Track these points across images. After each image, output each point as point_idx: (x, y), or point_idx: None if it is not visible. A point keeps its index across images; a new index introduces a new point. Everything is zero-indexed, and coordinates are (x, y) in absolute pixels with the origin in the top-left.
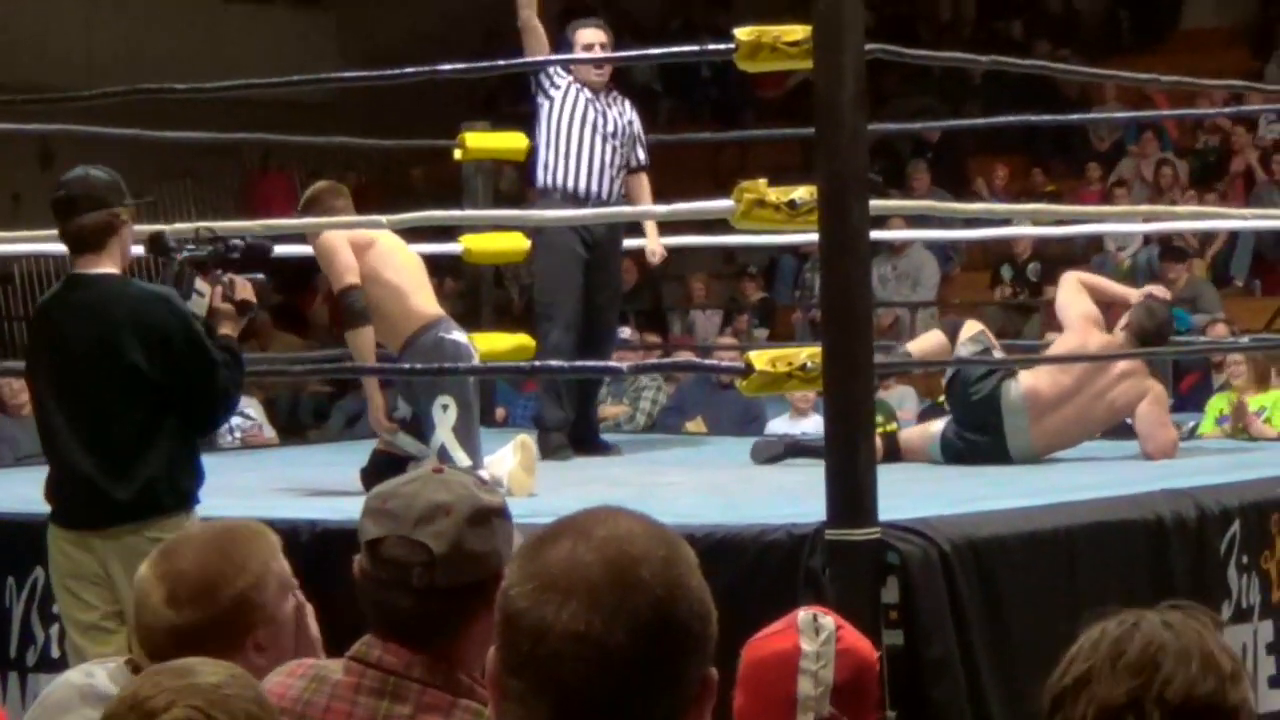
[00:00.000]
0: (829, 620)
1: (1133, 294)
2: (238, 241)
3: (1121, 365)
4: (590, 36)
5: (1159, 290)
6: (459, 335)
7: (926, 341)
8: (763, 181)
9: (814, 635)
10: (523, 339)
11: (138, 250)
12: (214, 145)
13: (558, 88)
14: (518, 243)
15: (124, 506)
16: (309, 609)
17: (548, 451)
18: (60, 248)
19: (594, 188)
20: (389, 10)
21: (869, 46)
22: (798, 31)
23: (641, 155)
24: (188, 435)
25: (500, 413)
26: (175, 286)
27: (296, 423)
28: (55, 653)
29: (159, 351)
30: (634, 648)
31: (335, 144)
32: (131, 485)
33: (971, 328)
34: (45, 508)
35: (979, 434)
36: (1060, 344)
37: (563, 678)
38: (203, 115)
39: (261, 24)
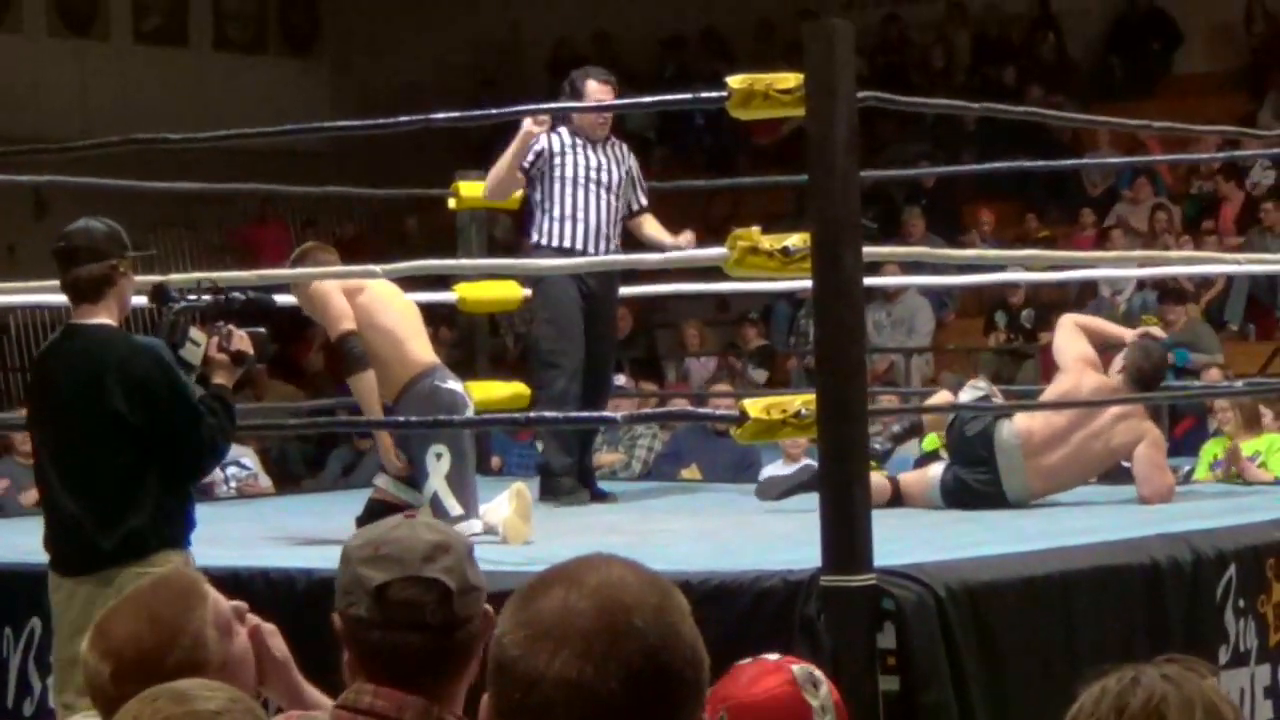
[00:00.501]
0: (820, 673)
1: (1128, 334)
2: (238, 294)
3: (1118, 407)
4: (600, 92)
5: (1155, 331)
6: (454, 384)
7: (935, 401)
8: (756, 229)
9: (813, 689)
10: (518, 387)
11: (141, 300)
12: (208, 195)
13: (556, 154)
14: (512, 291)
15: (108, 553)
16: (267, 628)
17: (561, 497)
18: (58, 298)
19: (590, 249)
20: (381, 59)
21: (862, 94)
22: (790, 79)
23: (642, 199)
24: (174, 482)
25: (496, 461)
26: (168, 336)
27: (290, 472)
28: (52, 703)
29: (140, 400)
30: (626, 695)
31: (330, 193)
32: (116, 531)
33: (975, 380)
34: (42, 557)
35: (976, 470)
36: (1055, 385)
37: None
38: (197, 165)
39: (254, 73)
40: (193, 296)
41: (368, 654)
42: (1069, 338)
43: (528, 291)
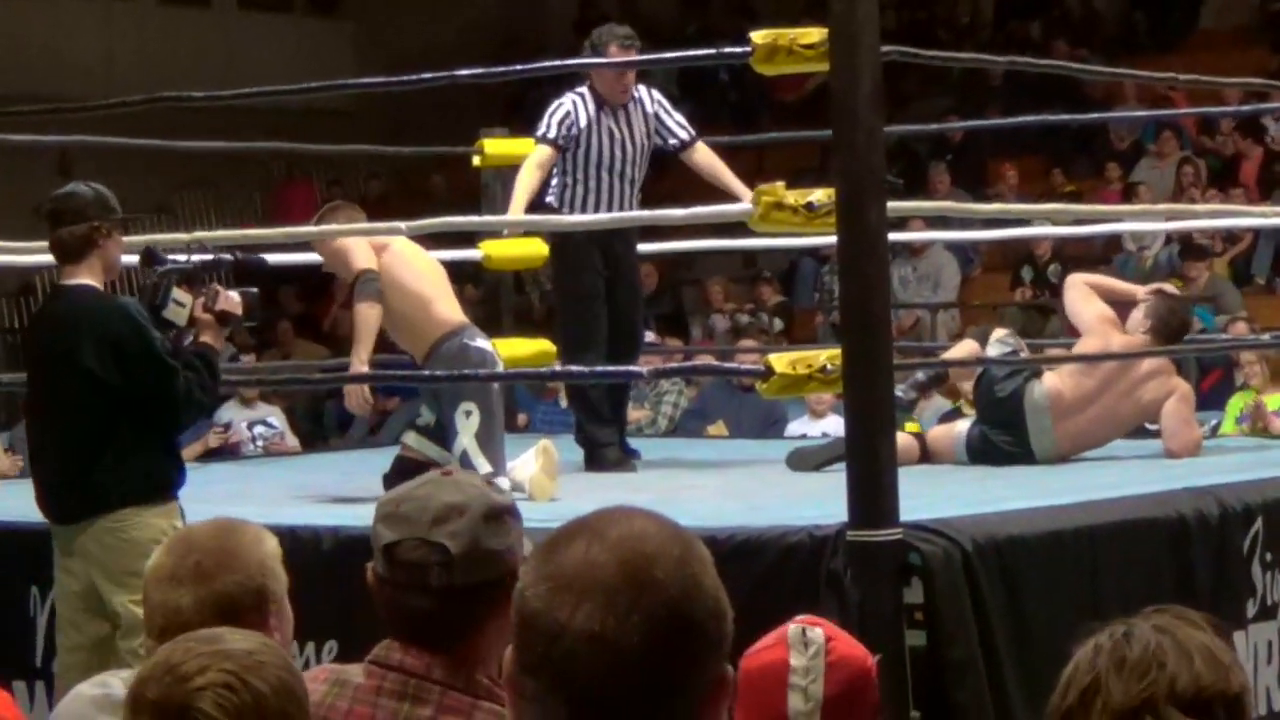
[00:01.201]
0: (819, 632)
1: (1139, 290)
2: (228, 256)
3: (1147, 365)
4: (621, 56)
5: (1168, 287)
6: (483, 342)
7: (959, 350)
8: (780, 184)
9: (803, 649)
10: (543, 344)
11: (131, 260)
12: (234, 154)
13: (581, 129)
14: (537, 248)
15: (75, 508)
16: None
17: (606, 466)
18: None
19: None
20: (407, 19)
21: (886, 48)
22: (814, 34)
23: (681, 133)
24: (153, 437)
25: (522, 418)
26: (151, 297)
27: (319, 431)
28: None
29: (112, 358)
30: (648, 647)
31: (355, 152)
32: (80, 487)
33: (1000, 331)
34: None
35: (1004, 433)
36: (1081, 346)
37: (578, 678)
38: (222, 124)
39: (279, 33)
40: (181, 258)
41: (385, 610)
42: (1083, 298)
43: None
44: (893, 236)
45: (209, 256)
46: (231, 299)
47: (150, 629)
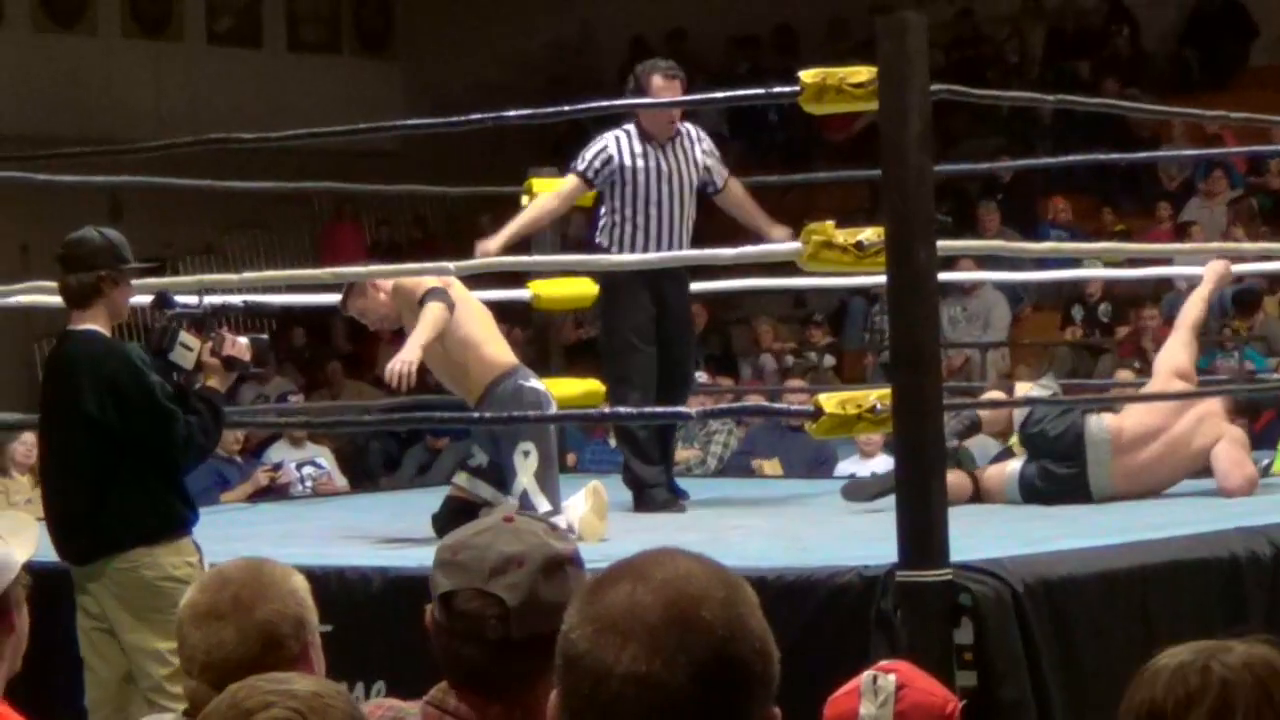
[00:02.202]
0: (890, 680)
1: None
2: (237, 303)
3: (1199, 410)
4: (665, 88)
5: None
6: (537, 383)
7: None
8: (830, 223)
9: (873, 697)
10: (592, 384)
11: (144, 301)
12: (283, 194)
13: (626, 165)
14: (587, 288)
15: (96, 544)
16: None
17: (654, 507)
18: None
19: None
20: (454, 60)
21: (935, 87)
22: (863, 73)
23: (721, 174)
24: (157, 478)
25: (571, 458)
26: (158, 341)
27: (367, 471)
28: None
29: (111, 402)
30: (695, 689)
31: (403, 192)
32: (99, 525)
33: (1044, 380)
34: None
35: (1062, 465)
36: (1147, 389)
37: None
38: (271, 165)
39: (328, 74)
40: (191, 302)
41: (442, 656)
42: (1175, 349)
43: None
44: (942, 276)
45: (219, 301)
46: (239, 344)
47: (190, 668)
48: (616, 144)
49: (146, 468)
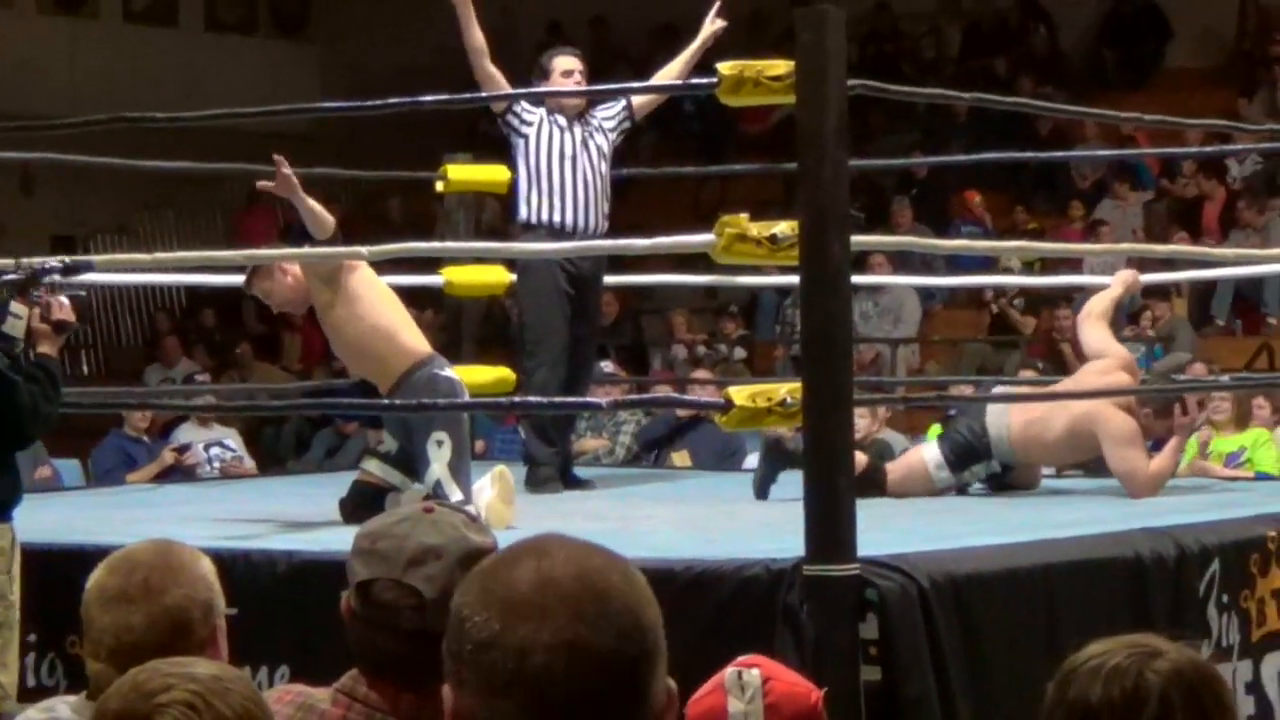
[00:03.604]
0: (755, 674)
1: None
2: (55, 263)
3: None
4: (568, 64)
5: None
6: (450, 372)
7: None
8: (744, 216)
9: (740, 693)
10: (503, 372)
11: None
12: (195, 175)
13: (530, 124)
14: (500, 276)
15: None
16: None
17: (536, 485)
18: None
19: (579, 221)
20: (372, 42)
21: (851, 82)
22: (781, 66)
23: (626, 108)
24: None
25: (480, 445)
26: None
27: (276, 453)
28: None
29: None
30: (620, 652)
31: (316, 175)
32: None
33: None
34: (31, 538)
35: (965, 429)
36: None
37: (555, 690)
38: (185, 146)
39: (244, 55)
40: (8, 271)
41: (356, 645)
42: (1097, 333)
43: (514, 276)
44: (854, 279)
45: (39, 264)
46: (65, 306)
47: (97, 651)
48: (524, 110)
49: None
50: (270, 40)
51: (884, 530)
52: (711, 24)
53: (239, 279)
